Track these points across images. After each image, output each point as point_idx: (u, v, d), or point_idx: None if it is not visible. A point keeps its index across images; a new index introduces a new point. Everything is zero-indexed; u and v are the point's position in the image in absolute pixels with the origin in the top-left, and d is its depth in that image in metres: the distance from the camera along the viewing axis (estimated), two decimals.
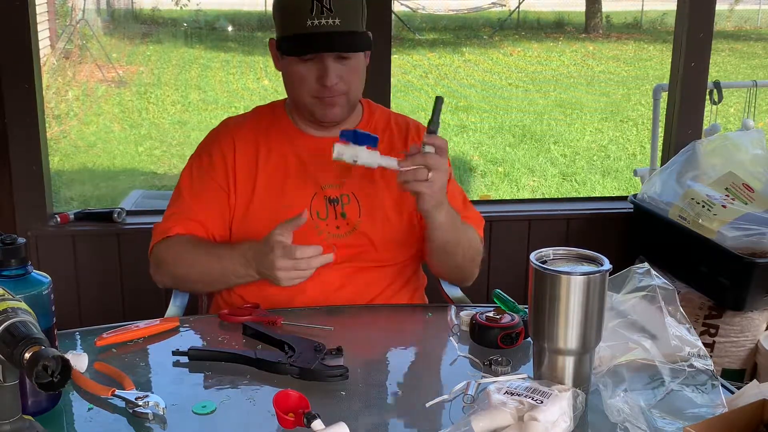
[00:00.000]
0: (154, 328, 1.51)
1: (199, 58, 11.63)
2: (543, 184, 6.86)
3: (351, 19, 1.64)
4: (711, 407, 1.24)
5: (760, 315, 2.62)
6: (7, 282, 1.17)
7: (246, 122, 1.80)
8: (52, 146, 7.12)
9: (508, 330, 1.45)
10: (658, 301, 1.33)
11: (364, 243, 1.74)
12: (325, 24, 1.60)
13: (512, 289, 1.65)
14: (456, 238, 1.70)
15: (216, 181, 1.74)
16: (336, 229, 1.73)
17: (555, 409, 1.16)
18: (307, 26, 1.60)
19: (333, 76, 1.64)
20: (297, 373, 1.32)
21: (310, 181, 1.73)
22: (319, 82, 1.65)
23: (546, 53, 13.03)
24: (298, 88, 1.69)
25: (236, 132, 1.78)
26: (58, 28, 11.54)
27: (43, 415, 1.22)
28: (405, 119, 1.87)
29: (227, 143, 1.76)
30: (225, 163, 1.74)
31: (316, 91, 1.67)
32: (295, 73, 1.68)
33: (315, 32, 1.61)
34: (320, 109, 1.69)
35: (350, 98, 1.71)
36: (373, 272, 1.75)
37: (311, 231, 1.71)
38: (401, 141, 1.80)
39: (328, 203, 1.73)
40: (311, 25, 1.60)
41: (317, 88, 1.66)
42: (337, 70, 1.64)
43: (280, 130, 1.78)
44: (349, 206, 1.73)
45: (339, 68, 1.65)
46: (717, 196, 2.66)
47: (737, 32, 15.29)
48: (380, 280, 1.76)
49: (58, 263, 2.68)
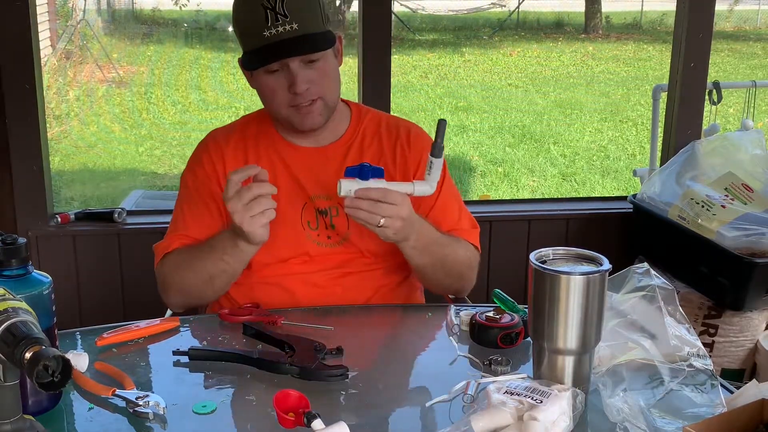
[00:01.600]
0: (154, 328, 1.51)
1: (200, 59, 11.63)
2: (543, 184, 6.86)
3: (308, 21, 1.61)
4: (710, 407, 1.24)
5: (759, 315, 2.62)
6: (8, 282, 1.17)
7: (234, 133, 1.79)
8: (53, 146, 7.12)
9: (507, 330, 1.45)
10: (658, 300, 1.34)
11: (354, 251, 1.73)
12: (282, 31, 1.58)
13: (512, 289, 1.65)
14: (432, 261, 1.68)
15: (209, 193, 1.73)
16: (327, 239, 1.72)
17: (555, 408, 1.16)
18: (266, 37, 1.58)
19: (302, 83, 1.61)
20: (297, 373, 1.33)
21: (300, 191, 1.73)
22: (291, 90, 1.62)
23: (546, 53, 13.04)
24: (272, 101, 1.67)
25: (224, 143, 1.76)
26: (58, 28, 11.55)
27: (43, 414, 1.22)
28: (398, 123, 1.83)
29: (217, 155, 1.75)
30: (216, 174, 1.73)
31: (290, 101, 1.64)
32: (266, 87, 1.66)
33: (274, 41, 1.58)
34: (298, 118, 1.67)
35: (327, 102, 1.68)
36: (366, 274, 1.75)
37: (303, 240, 1.71)
38: (389, 147, 1.77)
39: (317, 214, 1.73)
40: (269, 35, 1.58)
41: (290, 97, 1.63)
42: (305, 76, 1.61)
43: (268, 140, 1.76)
44: (338, 218, 1.72)
45: (308, 73, 1.62)
46: (716, 196, 2.67)
47: (737, 32, 15.29)
48: (374, 281, 1.76)
49: (58, 263, 2.68)
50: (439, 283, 1.78)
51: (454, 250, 1.73)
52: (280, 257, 1.71)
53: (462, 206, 1.84)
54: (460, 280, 1.78)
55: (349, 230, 1.72)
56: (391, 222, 1.52)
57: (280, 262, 1.71)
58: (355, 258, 1.74)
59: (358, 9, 2.71)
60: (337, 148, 1.76)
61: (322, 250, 1.72)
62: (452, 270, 1.74)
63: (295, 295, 1.70)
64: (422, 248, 1.64)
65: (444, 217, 1.75)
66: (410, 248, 1.63)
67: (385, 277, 1.78)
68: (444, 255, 1.70)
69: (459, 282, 1.78)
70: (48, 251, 2.68)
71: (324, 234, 1.73)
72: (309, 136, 1.74)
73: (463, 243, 1.76)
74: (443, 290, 1.84)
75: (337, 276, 1.72)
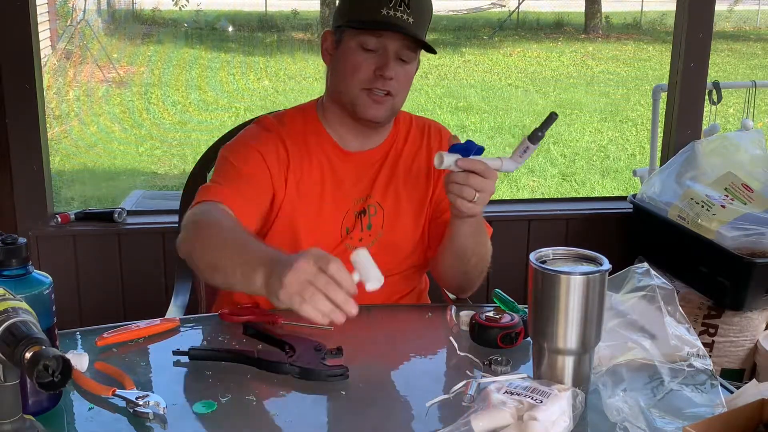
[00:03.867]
0: (154, 328, 1.51)
1: (200, 59, 11.65)
2: (542, 184, 6.87)
3: (422, 22, 1.65)
4: (710, 407, 1.24)
5: (759, 315, 2.62)
6: (8, 282, 1.17)
7: (285, 126, 1.73)
8: (53, 146, 7.12)
9: (507, 330, 1.45)
10: (658, 300, 1.34)
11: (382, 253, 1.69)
12: (399, 18, 1.61)
13: (512, 289, 1.65)
14: (474, 246, 1.69)
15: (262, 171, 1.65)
16: (359, 241, 1.71)
17: (555, 408, 1.16)
18: (382, 14, 1.60)
19: (392, 69, 1.63)
20: (297, 373, 1.33)
21: (344, 199, 1.72)
22: (377, 72, 1.63)
23: (546, 53, 13.05)
24: (351, 77, 1.65)
25: (284, 133, 1.71)
26: (58, 28, 11.55)
27: (43, 414, 1.22)
28: (422, 122, 1.85)
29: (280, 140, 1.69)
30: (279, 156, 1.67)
31: (368, 82, 1.63)
32: (351, 61, 1.65)
33: (390, 21, 1.61)
34: (366, 103, 1.65)
35: (395, 105, 1.68)
36: (387, 279, 1.74)
37: (339, 248, 1.69)
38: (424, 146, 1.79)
39: (356, 217, 1.73)
40: (386, 14, 1.60)
41: (372, 78, 1.63)
42: (395, 69, 1.64)
43: (319, 141, 1.73)
44: (376, 217, 1.73)
45: (397, 69, 1.64)
46: (716, 196, 2.67)
47: (736, 32, 15.31)
48: (391, 286, 1.75)
49: (58, 263, 2.68)
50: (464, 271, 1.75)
51: (486, 243, 1.74)
52: None
53: None
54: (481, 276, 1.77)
55: (383, 228, 1.73)
56: (483, 197, 1.52)
57: None
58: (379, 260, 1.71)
59: None
60: (379, 151, 1.76)
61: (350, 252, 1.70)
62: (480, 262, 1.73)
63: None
64: (472, 231, 1.64)
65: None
66: (465, 229, 1.62)
67: (402, 282, 1.78)
68: (482, 242, 1.71)
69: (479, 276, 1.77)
70: (48, 251, 2.68)
71: (357, 236, 1.72)
72: (359, 136, 1.73)
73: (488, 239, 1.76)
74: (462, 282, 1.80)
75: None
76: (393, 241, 1.74)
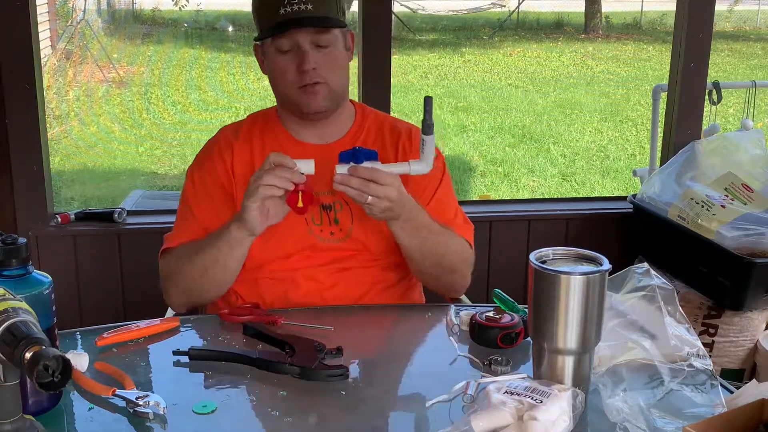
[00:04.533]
0: (154, 328, 1.51)
1: (200, 59, 11.64)
2: (542, 184, 6.87)
3: (323, 5, 1.68)
4: (710, 407, 1.24)
5: (759, 315, 2.62)
6: (8, 282, 1.17)
7: (242, 128, 1.82)
8: (53, 146, 7.12)
9: (507, 330, 1.45)
10: (658, 300, 1.34)
11: (358, 248, 1.75)
12: (297, 10, 1.65)
13: (512, 288, 1.65)
14: (422, 245, 1.69)
15: (213, 182, 1.76)
16: (330, 235, 1.74)
17: (554, 408, 1.16)
18: (281, 14, 1.65)
19: (310, 61, 1.67)
20: (297, 373, 1.33)
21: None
22: (299, 69, 1.68)
23: (545, 53, 13.05)
24: (282, 82, 1.72)
25: (233, 137, 1.80)
26: (58, 28, 11.55)
27: (43, 414, 1.22)
28: (400, 125, 1.86)
29: (226, 147, 1.78)
30: (225, 166, 1.76)
31: (297, 81, 1.69)
32: (277, 68, 1.71)
33: (289, 18, 1.65)
34: (304, 99, 1.70)
35: (332, 88, 1.72)
36: (364, 270, 1.76)
37: (306, 235, 1.73)
38: (392, 148, 1.80)
39: (321, 210, 1.74)
40: (284, 12, 1.65)
41: (298, 77, 1.68)
42: (314, 57, 1.67)
43: (274, 136, 1.79)
44: (342, 213, 1.74)
45: (317, 56, 1.68)
46: (716, 196, 2.67)
47: (736, 33, 15.31)
48: (371, 276, 1.76)
49: (58, 263, 2.68)
50: (431, 275, 1.78)
51: (447, 241, 1.74)
52: (285, 253, 1.72)
53: (458, 208, 1.86)
54: (453, 273, 1.78)
55: (353, 225, 1.74)
56: (378, 201, 1.55)
57: (284, 257, 1.72)
58: (356, 254, 1.75)
59: (358, 9, 2.71)
60: (341, 145, 1.77)
61: (325, 245, 1.74)
62: (444, 260, 1.74)
63: (296, 290, 1.71)
64: (411, 230, 1.65)
65: (441, 211, 1.76)
66: (399, 228, 1.64)
67: (383, 273, 1.78)
68: (435, 242, 1.71)
69: (452, 275, 1.79)
70: (48, 251, 2.68)
71: (327, 230, 1.74)
72: (314, 130, 1.77)
73: (457, 237, 1.77)
74: (438, 285, 1.83)
75: (335, 271, 1.74)
76: (365, 238, 1.75)
